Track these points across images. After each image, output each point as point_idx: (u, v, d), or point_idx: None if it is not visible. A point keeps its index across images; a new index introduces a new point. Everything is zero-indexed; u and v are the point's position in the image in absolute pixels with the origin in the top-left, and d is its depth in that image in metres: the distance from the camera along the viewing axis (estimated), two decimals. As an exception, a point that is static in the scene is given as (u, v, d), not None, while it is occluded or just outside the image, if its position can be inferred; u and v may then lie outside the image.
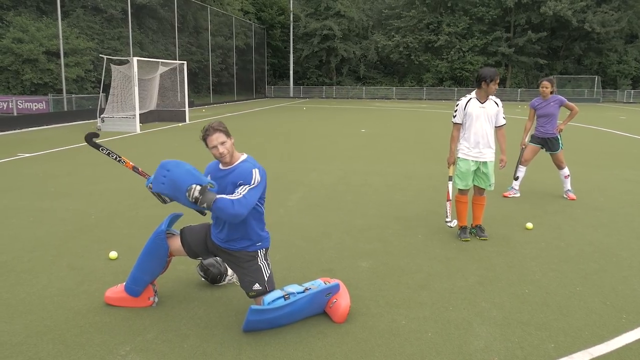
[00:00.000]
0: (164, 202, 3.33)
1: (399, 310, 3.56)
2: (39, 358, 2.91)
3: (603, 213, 6.26)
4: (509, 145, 7.00)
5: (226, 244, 3.34)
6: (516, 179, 7.12)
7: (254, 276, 3.30)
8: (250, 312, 3.12)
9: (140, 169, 3.79)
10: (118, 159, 3.75)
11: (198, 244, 3.45)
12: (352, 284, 3.96)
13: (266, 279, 3.33)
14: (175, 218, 3.59)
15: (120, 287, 3.62)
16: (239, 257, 3.33)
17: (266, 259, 3.39)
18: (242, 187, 3.13)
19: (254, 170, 3.17)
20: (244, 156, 3.32)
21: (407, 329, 3.31)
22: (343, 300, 3.40)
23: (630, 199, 7.01)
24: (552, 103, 6.86)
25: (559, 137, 6.94)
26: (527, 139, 7.18)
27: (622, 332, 3.30)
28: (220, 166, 3.32)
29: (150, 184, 3.30)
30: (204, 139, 3.20)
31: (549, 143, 6.97)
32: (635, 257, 4.69)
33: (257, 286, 3.29)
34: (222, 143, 3.17)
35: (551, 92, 6.85)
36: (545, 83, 6.82)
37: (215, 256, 3.54)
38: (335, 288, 3.44)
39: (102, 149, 3.73)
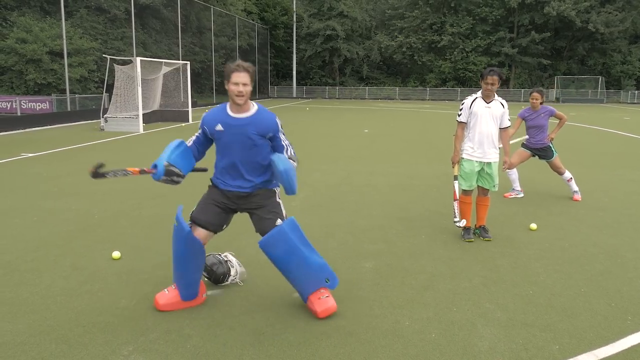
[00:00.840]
0: (177, 183, 3.43)
1: (403, 311, 3.55)
2: (42, 358, 2.91)
3: (607, 214, 6.23)
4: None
5: (249, 188, 3.41)
6: None
7: (276, 211, 3.43)
8: (288, 221, 3.32)
9: (145, 168, 3.67)
10: (125, 173, 3.55)
11: (215, 215, 3.46)
12: (356, 284, 3.96)
13: (285, 215, 3.46)
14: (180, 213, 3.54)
15: (172, 293, 3.52)
16: (262, 195, 3.44)
17: (280, 198, 3.53)
18: (280, 138, 3.38)
19: (277, 121, 3.37)
20: (255, 104, 3.39)
21: (410, 330, 3.29)
22: (331, 300, 3.45)
23: (634, 200, 6.97)
24: (542, 114, 6.78)
25: (551, 145, 6.90)
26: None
27: (628, 333, 3.28)
28: (231, 112, 3.33)
29: (162, 177, 3.35)
30: (231, 71, 3.21)
31: (541, 152, 6.94)
32: (640, 259, 4.66)
33: (279, 221, 3.39)
34: (244, 84, 3.22)
35: (541, 103, 6.78)
36: (536, 95, 6.72)
37: (236, 212, 3.54)
38: (334, 281, 3.51)
39: (108, 176, 3.47)
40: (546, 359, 2.96)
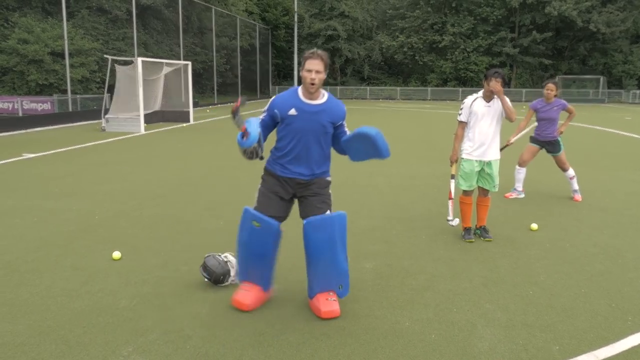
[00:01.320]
0: (256, 158, 3.37)
1: (403, 312, 3.55)
2: (41, 358, 2.91)
3: (608, 214, 6.22)
4: (510, 149, 6.96)
5: (308, 176, 3.46)
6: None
7: (328, 202, 3.48)
8: (339, 214, 3.37)
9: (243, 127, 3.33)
10: (240, 123, 3.36)
11: (280, 209, 3.48)
12: (356, 285, 3.95)
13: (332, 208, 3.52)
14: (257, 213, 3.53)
15: (253, 290, 3.52)
16: (320, 183, 3.49)
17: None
18: (344, 125, 3.56)
19: (345, 109, 3.53)
20: (325, 92, 3.44)
21: (410, 330, 3.29)
22: (337, 305, 3.47)
23: (635, 200, 6.96)
24: (555, 108, 6.72)
25: (559, 139, 6.89)
26: (513, 139, 6.78)
27: (628, 334, 3.27)
28: (304, 98, 3.35)
29: (254, 145, 3.25)
30: (306, 58, 3.28)
31: (550, 146, 6.92)
32: (641, 259, 4.65)
33: (329, 213, 3.44)
34: (318, 72, 3.25)
35: (555, 96, 6.75)
36: (551, 85, 6.66)
37: (294, 198, 3.55)
38: (346, 290, 3.53)
39: (237, 118, 3.34)
40: (546, 360, 2.96)
